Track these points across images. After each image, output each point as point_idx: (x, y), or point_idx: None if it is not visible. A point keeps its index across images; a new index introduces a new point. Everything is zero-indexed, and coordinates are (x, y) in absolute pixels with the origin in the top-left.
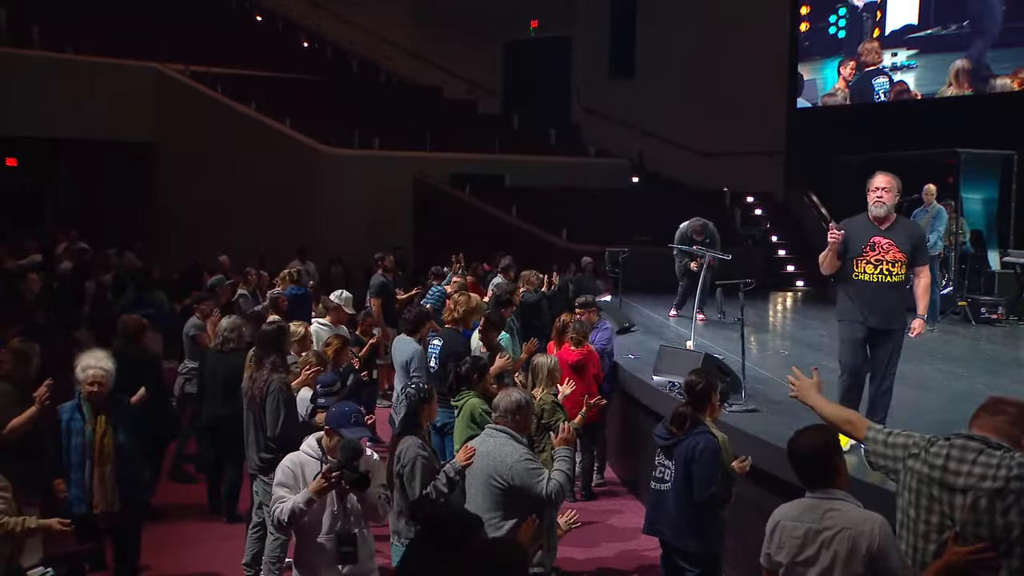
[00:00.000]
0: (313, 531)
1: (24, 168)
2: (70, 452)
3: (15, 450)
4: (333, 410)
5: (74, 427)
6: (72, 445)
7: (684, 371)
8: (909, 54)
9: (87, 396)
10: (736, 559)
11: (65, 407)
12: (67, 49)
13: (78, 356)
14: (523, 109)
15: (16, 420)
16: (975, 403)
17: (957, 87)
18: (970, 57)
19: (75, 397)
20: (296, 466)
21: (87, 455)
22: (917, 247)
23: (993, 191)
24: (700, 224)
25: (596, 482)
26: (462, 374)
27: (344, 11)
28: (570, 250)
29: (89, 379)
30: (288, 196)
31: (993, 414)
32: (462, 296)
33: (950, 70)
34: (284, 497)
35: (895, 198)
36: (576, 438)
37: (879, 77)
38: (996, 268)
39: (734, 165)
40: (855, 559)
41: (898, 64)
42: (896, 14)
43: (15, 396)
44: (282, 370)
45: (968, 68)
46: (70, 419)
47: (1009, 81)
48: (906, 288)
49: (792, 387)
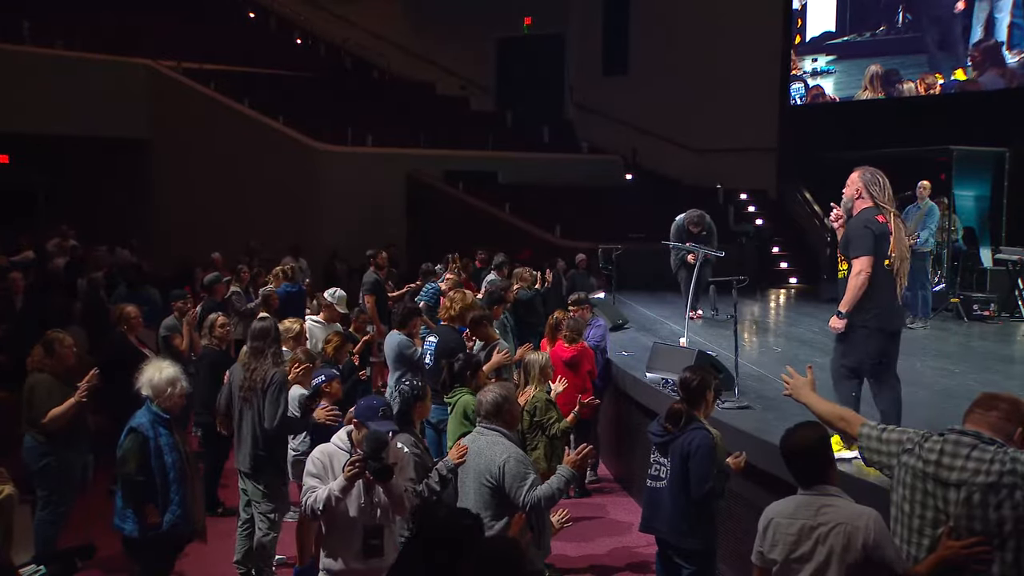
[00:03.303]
0: (342, 523)
1: (16, 165)
2: (166, 471)
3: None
4: (361, 403)
5: (164, 443)
6: (168, 463)
7: (678, 368)
8: (828, 60)
9: (170, 409)
10: (729, 555)
11: (144, 424)
12: (58, 45)
13: (142, 368)
14: (516, 106)
15: (56, 410)
16: (968, 399)
17: (872, 91)
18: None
19: (147, 412)
20: (326, 457)
21: (184, 472)
22: (849, 239)
23: (985, 188)
24: (697, 215)
25: (589, 479)
26: (455, 371)
27: (337, 8)
28: (564, 247)
29: (179, 392)
30: (281, 193)
31: (986, 410)
32: (458, 293)
33: (865, 75)
34: (315, 487)
35: (852, 193)
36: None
37: (795, 83)
38: (988, 265)
39: (728, 162)
40: (851, 554)
41: (818, 69)
42: (816, 22)
43: (53, 385)
44: (281, 363)
45: (881, 73)
46: (156, 435)
47: (914, 86)
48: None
49: (786, 385)
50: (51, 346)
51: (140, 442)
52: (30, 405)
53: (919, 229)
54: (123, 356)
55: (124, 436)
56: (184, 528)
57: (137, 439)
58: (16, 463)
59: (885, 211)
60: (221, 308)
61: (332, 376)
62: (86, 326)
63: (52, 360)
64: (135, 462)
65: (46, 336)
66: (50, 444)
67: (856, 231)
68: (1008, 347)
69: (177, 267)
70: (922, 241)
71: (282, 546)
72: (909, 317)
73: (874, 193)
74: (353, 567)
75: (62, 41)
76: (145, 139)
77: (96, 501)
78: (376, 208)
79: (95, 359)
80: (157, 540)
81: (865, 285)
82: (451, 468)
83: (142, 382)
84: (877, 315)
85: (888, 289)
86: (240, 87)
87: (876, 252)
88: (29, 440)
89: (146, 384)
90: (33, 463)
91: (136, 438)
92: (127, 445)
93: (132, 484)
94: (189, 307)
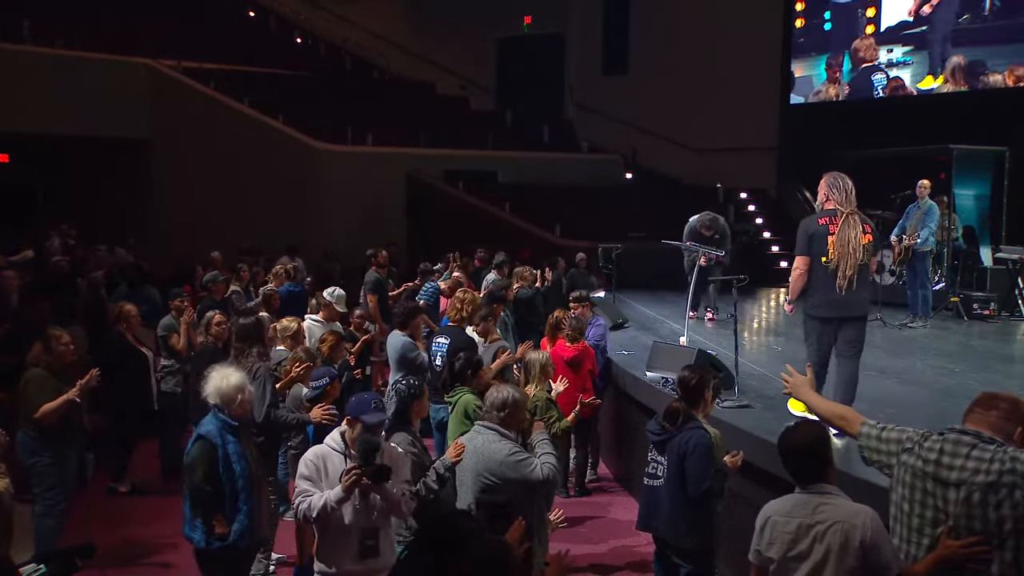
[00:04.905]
0: (336, 527)
1: (15, 164)
2: (234, 480)
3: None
4: (353, 399)
5: (232, 451)
6: (237, 472)
7: (677, 367)
8: (904, 50)
9: (238, 416)
10: (727, 554)
11: (212, 432)
12: (58, 44)
13: (206, 375)
14: (516, 105)
15: (48, 405)
16: (968, 398)
17: (953, 83)
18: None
19: (215, 419)
20: (319, 459)
21: (252, 481)
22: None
23: (985, 187)
24: (709, 218)
25: (589, 478)
26: (456, 371)
27: (337, 7)
28: (564, 246)
29: (248, 399)
30: (281, 192)
31: (986, 409)
32: (468, 294)
33: (945, 66)
34: (309, 491)
35: (822, 198)
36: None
37: (877, 73)
38: (988, 264)
39: (727, 161)
40: (848, 552)
41: (893, 60)
42: (891, 11)
43: (46, 380)
44: (266, 359)
45: (964, 64)
46: (224, 443)
47: (1002, 78)
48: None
49: (785, 384)
50: (49, 343)
51: (208, 450)
52: (24, 400)
53: (919, 228)
54: (121, 355)
55: (191, 444)
56: (251, 539)
57: (205, 447)
58: (17, 463)
59: (840, 213)
60: (220, 307)
61: (333, 376)
62: (86, 325)
63: (50, 356)
64: (203, 471)
65: (45, 333)
66: (42, 440)
67: (798, 233)
68: (1008, 346)
69: (177, 267)
70: (922, 240)
71: (282, 546)
72: (909, 316)
73: (835, 197)
74: (349, 569)
75: (62, 41)
76: (145, 139)
77: (96, 501)
78: (376, 208)
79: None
80: (224, 551)
81: (800, 279)
82: (448, 467)
83: (209, 390)
84: (815, 305)
85: (825, 282)
86: (240, 87)
87: (810, 251)
88: (22, 436)
89: (214, 392)
90: (25, 459)
91: (204, 446)
92: (194, 453)
93: (200, 493)
94: (186, 306)
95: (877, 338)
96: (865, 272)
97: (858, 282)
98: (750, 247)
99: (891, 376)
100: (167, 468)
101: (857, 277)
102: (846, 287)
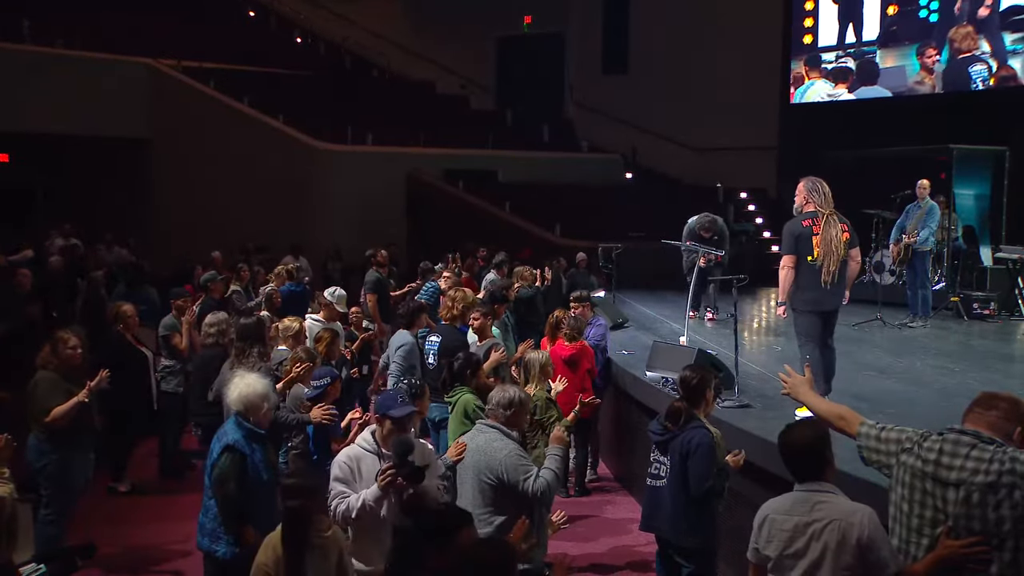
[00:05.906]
0: (371, 523)
1: (15, 164)
2: (262, 489)
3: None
4: (379, 398)
5: (259, 460)
6: (266, 481)
7: (678, 367)
8: (1014, 38)
9: (263, 424)
10: (729, 554)
11: (240, 441)
12: (58, 44)
13: (228, 382)
14: (516, 105)
15: (59, 408)
16: (967, 398)
17: None
18: None
19: (240, 428)
20: (352, 460)
21: (276, 490)
22: (781, 241)
23: (985, 187)
24: (708, 220)
25: (589, 478)
26: (455, 370)
27: (337, 6)
28: (564, 246)
29: (273, 406)
30: (281, 192)
31: (986, 409)
32: (459, 292)
33: None
34: (344, 492)
35: (800, 201)
36: (568, 437)
37: (976, 64)
38: (988, 264)
39: (728, 161)
40: (845, 550)
41: (1005, 49)
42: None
43: (56, 383)
44: (266, 359)
45: None
46: (252, 452)
47: None
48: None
49: (784, 384)
50: (56, 345)
51: (238, 460)
52: (33, 401)
53: (919, 228)
54: (121, 355)
55: (219, 454)
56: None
57: (234, 457)
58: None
59: (821, 214)
60: (220, 306)
61: (335, 376)
62: (85, 325)
63: (57, 359)
64: (235, 481)
65: (53, 335)
66: (52, 443)
67: (783, 235)
68: (1008, 346)
69: (177, 266)
70: (922, 240)
71: None
72: (909, 316)
73: (814, 200)
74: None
75: (62, 40)
76: (145, 138)
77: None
78: (376, 207)
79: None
80: (248, 561)
81: (788, 277)
82: (449, 466)
83: (232, 398)
84: (804, 299)
85: (813, 278)
86: (240, 86)
87: (796, 251)
88: (32, 439)
89: (238, 400)
90: (35, 461)
91: (233, 456)
92: (224, 464)
93: (232, 504)
94: (188, 306)
95: (877, 338)
96: (844, 267)
97: (839, 275)
98: (750, 247)
99: (891, 376)
100: (167, 468)
101: (838, 271)
102: (831, 281)
